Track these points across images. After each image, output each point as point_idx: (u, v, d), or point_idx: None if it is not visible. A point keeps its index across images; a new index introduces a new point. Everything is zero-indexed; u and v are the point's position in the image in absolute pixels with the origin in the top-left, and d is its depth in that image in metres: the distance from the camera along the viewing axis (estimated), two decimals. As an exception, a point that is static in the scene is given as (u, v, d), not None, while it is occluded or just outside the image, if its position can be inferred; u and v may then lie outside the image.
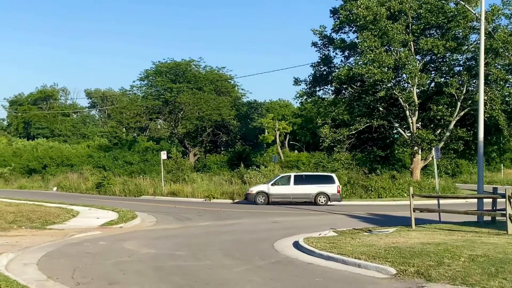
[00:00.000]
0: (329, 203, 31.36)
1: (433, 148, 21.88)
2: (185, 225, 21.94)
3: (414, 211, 17.58)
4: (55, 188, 48.51)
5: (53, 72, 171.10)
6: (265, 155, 64.85)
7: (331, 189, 31.77)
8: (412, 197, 17.68)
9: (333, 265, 12.50)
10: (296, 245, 15.43)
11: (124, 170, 51.46)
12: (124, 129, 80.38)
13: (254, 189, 32.70)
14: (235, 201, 34.26)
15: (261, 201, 32.16)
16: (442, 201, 23.61)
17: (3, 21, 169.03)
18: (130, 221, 22.40)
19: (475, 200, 27.12)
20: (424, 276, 10.55)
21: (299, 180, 32.97)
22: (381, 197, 34.00)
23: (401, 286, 10.11)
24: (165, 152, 42.29)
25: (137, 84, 62.01)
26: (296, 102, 59.00)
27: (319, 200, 31.67)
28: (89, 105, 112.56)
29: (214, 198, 34.86)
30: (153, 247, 15.99)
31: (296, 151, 71.55)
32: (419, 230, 16.77)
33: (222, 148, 62.81)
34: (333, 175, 33.26)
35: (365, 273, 11.49)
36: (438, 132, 39.13)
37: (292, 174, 34.13)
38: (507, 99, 38.33)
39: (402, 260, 11.85)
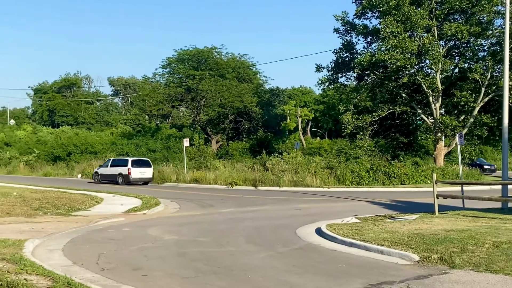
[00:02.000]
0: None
1: (457, 134, 21.67)
2: (208, 212, 22.07)
3: (437, 198, 17.47)
4: (79, 175, 49.04)
5: (76, 60, 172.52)
6: (287, 142, 64.83)
7: (125, 171, 39.15)
8: (436, 183, 17.55)
9: (356, 252, 12.50)
10: (319, 231, 15.45)
11: (147, 158, 51.83)
12: (147, 116, 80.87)
13: (95, 170, 42.77)
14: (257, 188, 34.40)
15: (96, 180, 41.72)
16: (465, 188, 23.46)
17: (26, 10, 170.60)
18: (153, 208, 22.59)
19: (500, 187, 27.00)
20: (448, 262, 10.52)
21: (113, 163, 41.63)
22: (404, 184, 33.82)
23: (424, 272, 10.08)
24: (188, 139, 42.43)
25: (160, 72, 62.35)
26: (318, 89, 58.82)
27: (119, 180, 39.27)
28: (112, 93, 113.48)
29: (236, 185, 34.97)
30: (176, 233, 16.13)
31: (318, 138, 71.41)
32: (443, 216, 16.67)
33: (244, 135, 62.85)
34: (130, 159, 40.94)
35: (387, 259, 11.48)
36: (461, 118, 38.74)
37: (111, 159, 43.65)
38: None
39: (425, 246, 11.82)
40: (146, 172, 39.63)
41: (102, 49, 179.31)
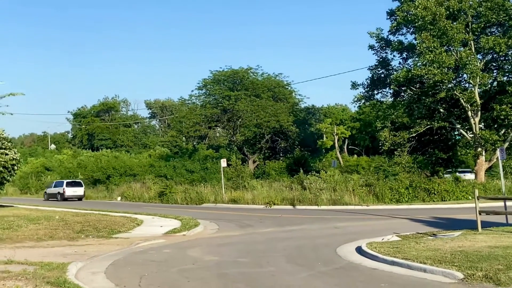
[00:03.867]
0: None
1: (498, 149, 21.25)
2: (247, 232, 22.05)
3: (480, 214, 17.13)
4: (119, 198, 49.61)
5: (114, 84, 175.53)
6: (323, 160, 64.53)
7: (61, 190, 51.16)
8: (478, 199, 17.24)
9: (398, 270, 12.32)
10: (359, 250, 15.29)
11: (185, 179, 52.23)
12: (183, 138, 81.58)
13: (45, 190, 54.83)
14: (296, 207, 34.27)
15: (45, 198, 53.46)
16: (508, 203, 22.98)
17: (64, 39, 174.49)
18: (192, 229, 22.68)
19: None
20: (493, 280, 10.29)
21: (55, 184, 53.33)
22: (444, 200, 33.26)
23: (469, 291, 9.90)
24: (225, 159, 42.62)
25: (196, 93, 62.92)
26: (354, 106, 58.61)
27: (58, 197, 51.06)
28: (149, 115, 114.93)
29: (274, 204, 34.89)
30: (216, 254, 16.16)
31: (355, 156, 70.90)
32: (486, 233, 16.33)
33: (281, 154, 62.83)
34: (65, 181, 53.08)
35: (431, 277, 11.29)
36: (502, 132, 38.04)
37: (54, 181, 55.02)
38: None
39: (469, 264, 11.59)
40: (78, 191, 52.15)
41: (138, 72, 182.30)
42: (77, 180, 55.35)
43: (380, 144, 41.68)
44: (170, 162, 60.56)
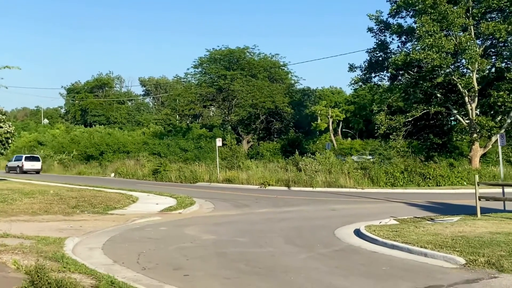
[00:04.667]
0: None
1: (498, 135, 21.19)
2: (243, 212, 21.98)
3: (479, 200, 17.08)
4: (112, 174, 49.42)
5: (108, 60, 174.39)
6: (317, 142, 64.55)
7: (20, 164, 55.18)
8: (478, 185, 17.18)
9: (398, 254, 12.26)
10: (358, 233, 15.24)
11: (178, 157, 52.06)
12: (177, 116, 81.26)
13: (7, 164, 58.52)
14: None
15: (6, 170, 57.03)
16: (506, 190, 23.02)
17: (58, 12, 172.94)
18: (188, 207, 22.60)
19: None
20: (496, 266, 10.23)
21: (15, 158, 57.17)
22: (439, 185, 33.25)
23: (472, 276, 9.83)
24: (220, 139, 42.46)
25: (191, 72, 62.52)
26: (350, 89, 58.42)
27: (17, 170, 54.77)
28: (143, 93, 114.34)
29: (269, 185, 34.81)
30: (213, 233, 16.08)
31: (349, 139, 70.95)
32: (485, 219, 16.29)
33: (275, 136, 62.65)
34: (24, 156, 57.21)
35: (432, 262, 11.23)
36: (498, 119, 37.96)
37: (14, 156, 58.38)
38: None
39: (471, 250, 11.53)
40: (36, 165, 55.81)
41: (133, 49, 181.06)
42: (35, 155, 59.12)
43: (375, 127, 41.52)
44: (164, 140, 60.33)
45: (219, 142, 40.99)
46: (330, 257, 12.35)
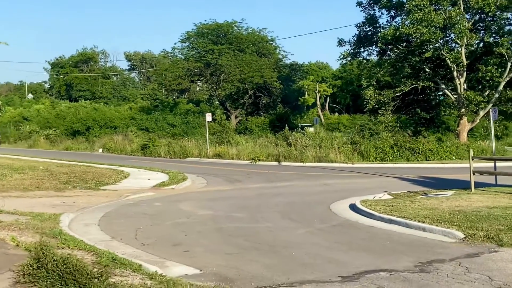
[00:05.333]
0: None
1: (491, 109, 21.19)
2: (236, 187, 21.95)
3: (473, 174, 17.16)
4: (100, 150, 49.06)
5: (92, 34, 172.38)
6: (305, 117, 64.52)
7: None
8: (472, 159, 17.24)
9: (396, 229, 12.31)
10: (353, 207, 15.27)
11: (166, 132, 51.75)
12: (164, 91, 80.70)
13: None
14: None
15: None
16: (488, 164, 23.26)
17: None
18: (181, 183, 22.53)
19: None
20: (495, 240, 10.30)
21: None
22: (428, 160, 33.39)
23: (473, 250, 9.88)
24: (210, 114, 42.22)
25: (179, 46, 61.84)
26: (337, 64, 58.27)
27: None
28: (129, 67, 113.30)
29: (259, 160, 34.72)
30: (209, 208, 16.06)
31: (336, 114, 70.99)
32: (479, 193, 16.37)
33: (263, 111, 62.42)
34: None
35: (431, 237, 11.29)
36: (486, 93, 38.08)
37: None
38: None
39: (469, 224, 11.60)
40: None
41: (118, 24, 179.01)
42: None
43: (364, 102, 41.52)
44: (151, 115, 59.92)
45: (208, 117, 40.75)
46: (329, 232, 12.37)
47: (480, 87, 38.95)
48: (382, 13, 41.63)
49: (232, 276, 8.55)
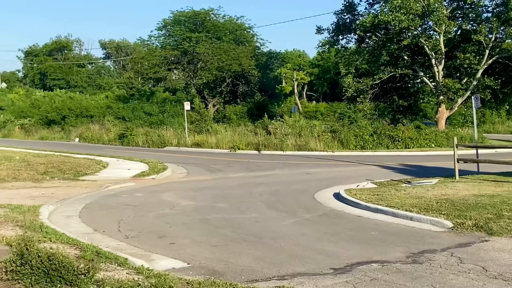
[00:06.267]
0: None
1: (473, 97, 21.15)
2: (218, 177, 21.69)
3: (458, 162, 17.12)
4: (77, 139, 48.37)
5: (66, 21, 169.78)
6: (282, 106, 64.35)
7: None
8: (456, 147, 17.21)
9: (383, 218, 12.19)
10: (338, 196, 15.13)
11: (143, 121, 51.12)
12: (140, 79, 79.88)
13: None
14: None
15: None
16: (470, 151, 23.37)
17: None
18: (161, 173, 22.20)
19: (504, 150, 26.76)
20: (485, 229, 10.22)
21: None
22: (408, 148, 33.47)
23: (463, 240, 9.78)
24: (189, 103, 41.75)
25: (155, 34, 61.10)
26: (314, 52, 58.13)
27: None
28: (104, 56, 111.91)
29: (239, 149, 34.45)
30: (192, 199, 15.80)
31: (314, 102, 70.96)
32: (464, 181, 16.33)
33: (241, 99, 62.11)
34: None
35: (419, 226, 11.18)
36: (464, 81, 38.25)
37: None
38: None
39: (457, 213, 11.51)
40: None
41: (93, 10, 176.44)
42: None
43: (343, 90, 41.47)
44: (128, 104, 59.17)
45: (187, 106, 40.32)
46: (316, 222, 12.20)
47: (458, 74, 39.14)
48: (360, 0, 41.68)
49: (221, 269, 8.34)
